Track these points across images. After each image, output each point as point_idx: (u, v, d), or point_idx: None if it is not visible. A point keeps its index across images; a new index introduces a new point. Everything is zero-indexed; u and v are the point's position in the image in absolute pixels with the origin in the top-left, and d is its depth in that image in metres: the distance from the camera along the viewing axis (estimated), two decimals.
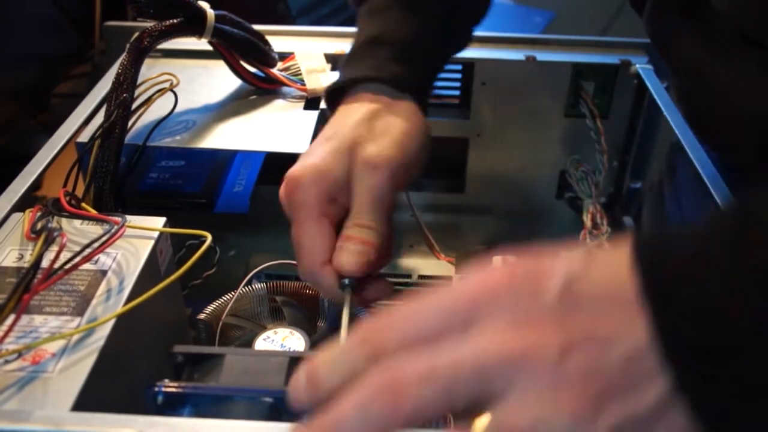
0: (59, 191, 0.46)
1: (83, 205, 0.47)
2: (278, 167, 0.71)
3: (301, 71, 0.62)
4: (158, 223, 0.46)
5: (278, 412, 0.37)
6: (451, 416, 0.50)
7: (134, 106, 0.53)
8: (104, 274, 0.42)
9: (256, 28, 0.60)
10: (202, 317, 0.52)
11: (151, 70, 0.58)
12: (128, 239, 0.44)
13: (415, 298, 0.29)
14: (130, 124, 0.52)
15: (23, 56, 0.87)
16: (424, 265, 0.68)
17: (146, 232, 0.45)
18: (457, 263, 0.65)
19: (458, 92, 0.70)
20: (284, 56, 0.63)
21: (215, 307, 0.53)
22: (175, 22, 0.54)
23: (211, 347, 0.50)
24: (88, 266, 0.42)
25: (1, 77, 0.83)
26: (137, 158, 0.55)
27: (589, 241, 0.64)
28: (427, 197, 0.75)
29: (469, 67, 0.67)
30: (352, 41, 0.54)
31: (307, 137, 0.55)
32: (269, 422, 0.33)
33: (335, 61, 0.66)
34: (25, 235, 0.44)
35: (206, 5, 0.55)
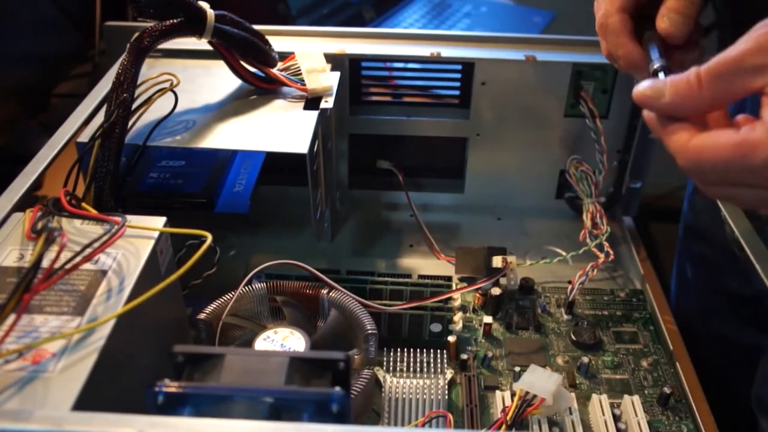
0: (59, 191, 0.47)
1: (83, 204, 0.47)
2: (278, 167, 0.72)
3: (301, 71, 0.62)
4: (158, 223, 0.46)
5: (278, 412, 0.37)
6: (451, 416, 0.50)
7: (134, 106, 0.53)
8: (104, 273, 0.42)
9: (256, 28, 0.60)
10: (202, 317, 0.52)
11: (151, 70, 0.58)
12: (128, 239, 0.44)
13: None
14: (130, 124, 0.52)
15: (23, 56, 0.87)
16: (424, 264, 0.68)
17: (146, 232, 0.45)
18: (457, 263, 0.66)
19: (458, 92, 0.70)
20: (284, 56, 0.63)
21: (215, 307, 0.53)
22: (175, 22, 0.54)
23: (211, 347, 0.50)
24: (88, 266, 0.42)
25: (1, 77, 0.83)
26: (137, 158, 0.55)
27: (588, 240, 0.64)
28: (427, 197, 0.75)
29: (469, 67, 0.67)
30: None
31: (307, 137, 0.55)
32: (269, 422, 0.33)
33: (335, 61, 0.66)
34: (25, 234, 0.44)
35: (206, 5, 0.55)
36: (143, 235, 0.45)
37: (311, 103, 0.60)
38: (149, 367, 0.45)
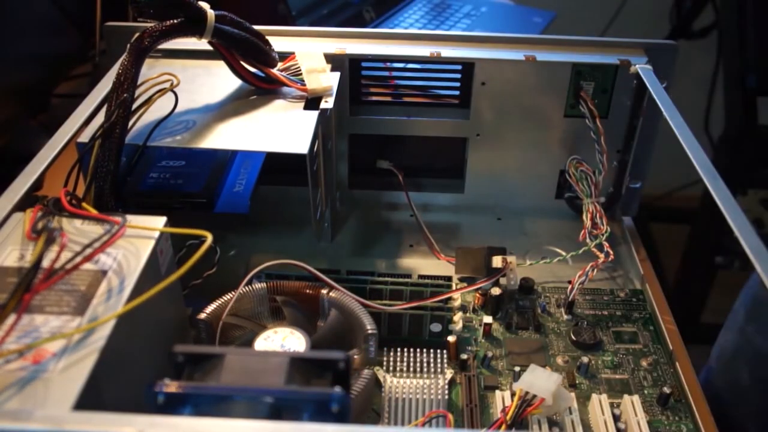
0: (60, 191, 0.47)
1: (84, 204, 0.47)
2: (278, 167, 0.72)
3: (301, 71, 0.62)
4: (158, 223, 0.46)
5: (278, 411, 0.37)
6: (451, 416, 0.50)
7: (134, 106, 0.53)
8: (105, 274, 0.42)
9: (256, 28, 0.60)
10: (202, 317, 0.52)
11: (151, 70, 0.58)
12: (129, 239, 0.44)
13: None
14: (130, 124, 0.52)
15: (23, 56, 0.87)
16: (424, 265, 0.68)
17: (146, 232, 0.45)
18: (457, 263, 0.66)
19: (458, 92, 0.70)
20: (285, 56, 0.63)
21: (215, 306, 0.53)
22: (175, 22, 0.54)
23: (211, 347, 0.50)
24: (88, 266, 0.42)
25: (1, 77, 0.83)
26: (137, 158, 0.55)
27: (588, 241, 0.64)
28: (427, 197, 0.75)
29: (469, 67, 0.67)
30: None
31: (307, 137, 0.55)
32: (269, 422, 0.33)
33: (335, 61, 0.66)
34: (26, 234, 0.44)
35: (206, 5, 0.55)
36: (143, 235, 0.45)
37: (311, 103, 0.60)
38: (149, 367, 0.45)
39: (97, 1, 0.93)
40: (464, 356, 0.57)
